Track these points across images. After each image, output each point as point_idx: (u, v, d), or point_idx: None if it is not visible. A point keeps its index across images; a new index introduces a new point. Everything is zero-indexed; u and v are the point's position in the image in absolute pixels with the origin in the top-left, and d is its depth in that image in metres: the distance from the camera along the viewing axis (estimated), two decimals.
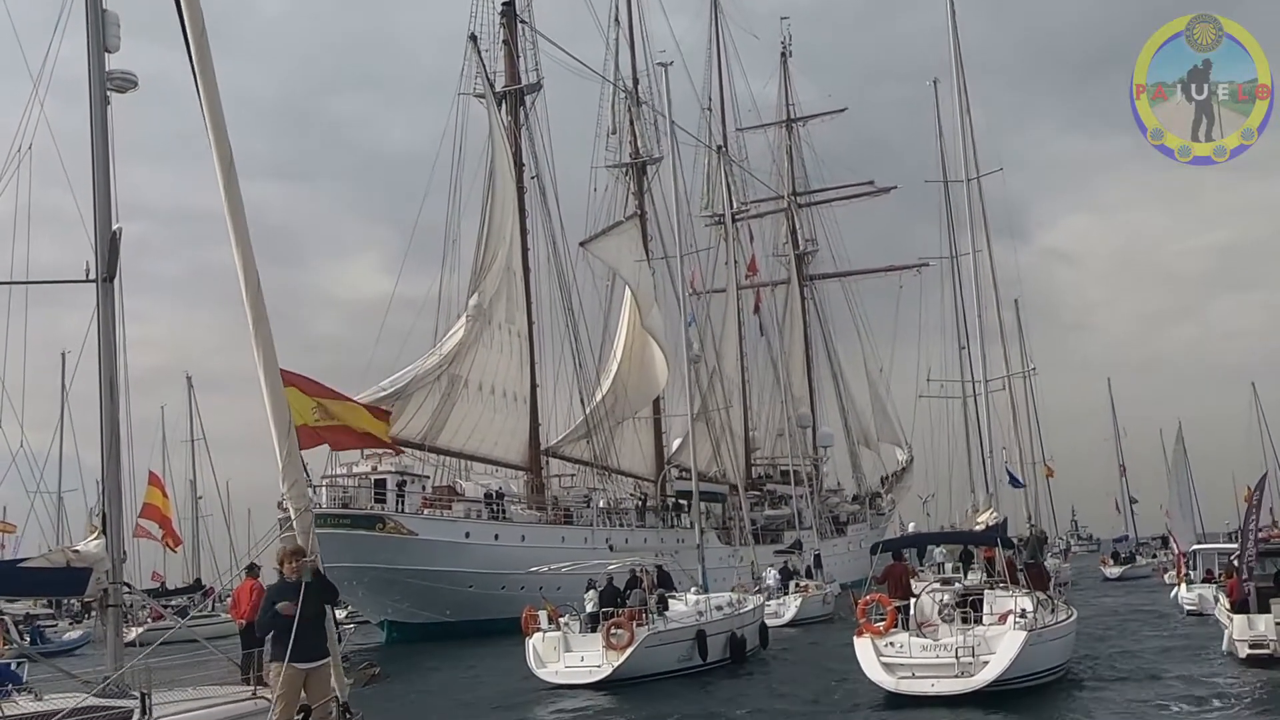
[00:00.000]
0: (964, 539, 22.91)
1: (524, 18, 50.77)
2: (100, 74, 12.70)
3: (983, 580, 19.70)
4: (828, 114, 70.98)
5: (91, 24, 12.78)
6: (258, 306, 9.53)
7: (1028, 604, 17.72)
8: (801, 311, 69.30)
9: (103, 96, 12.73)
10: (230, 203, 9.47)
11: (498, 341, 47.91)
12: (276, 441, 9.41)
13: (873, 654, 17.60)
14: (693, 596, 24.89)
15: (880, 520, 69.89)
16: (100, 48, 12.78)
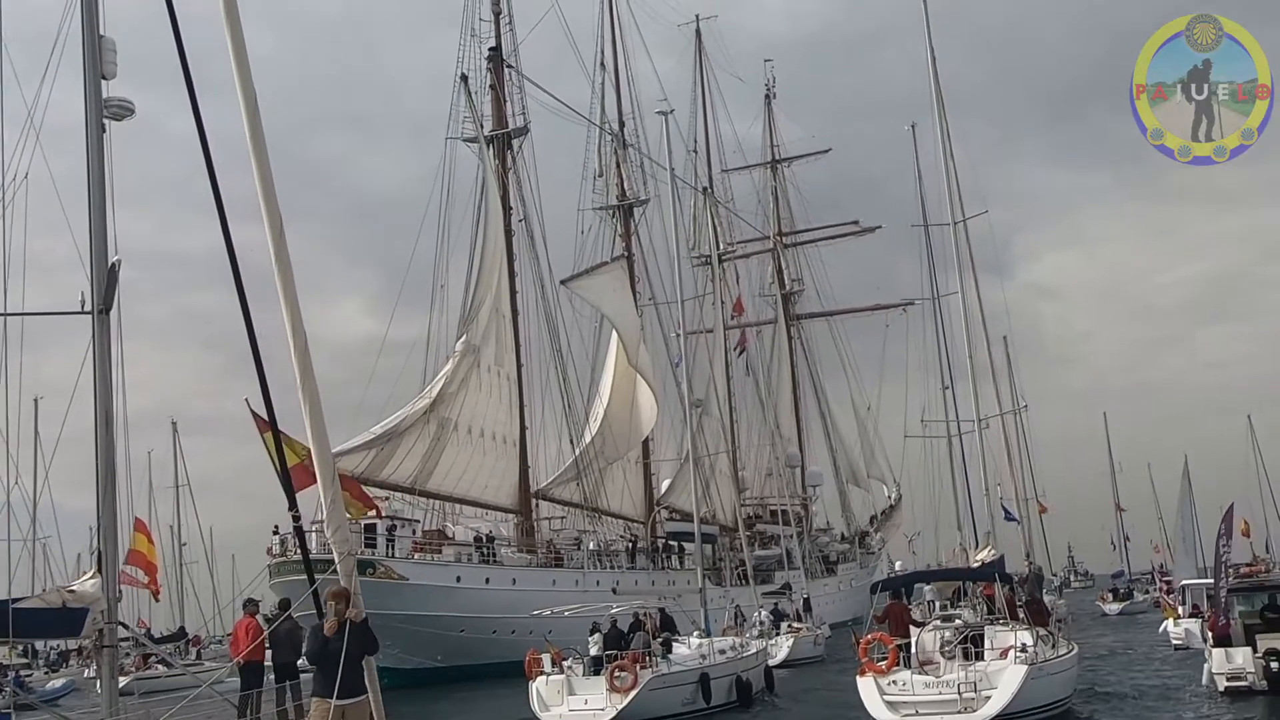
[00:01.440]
0: (964, 576, 22.93)
1: (510, 62, 51.13)
2: (97, 101, 12.56)
3: (983, 617, 19.65)
4: (812, 154, 71.71)
5: (88, 50, 12.62)
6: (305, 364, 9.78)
7: (1028, 639, 17.69)
8: (789, 351, 69.55)
9: (99, 124, 12.56)
10: (280, 267, 9.50)
11: (487, 384, 47.84)
12: (321, 490, 9.73)
13: (876, 693, 17.55)
14: (696, 640, 24.78)
15: (870, 559, 69.78)
16: (97, 74, 12.62)
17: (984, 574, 21.24)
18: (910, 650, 17.91)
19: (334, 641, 9.61)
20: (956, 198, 28.89)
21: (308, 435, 9.56)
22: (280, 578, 36.96)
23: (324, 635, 9.69)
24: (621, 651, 22.18)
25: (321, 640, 9.71)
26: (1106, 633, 42.43)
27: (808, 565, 58.14)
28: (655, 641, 22.74)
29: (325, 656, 9.62)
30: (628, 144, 56.76)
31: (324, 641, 9.68)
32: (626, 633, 23.17)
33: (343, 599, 9.75)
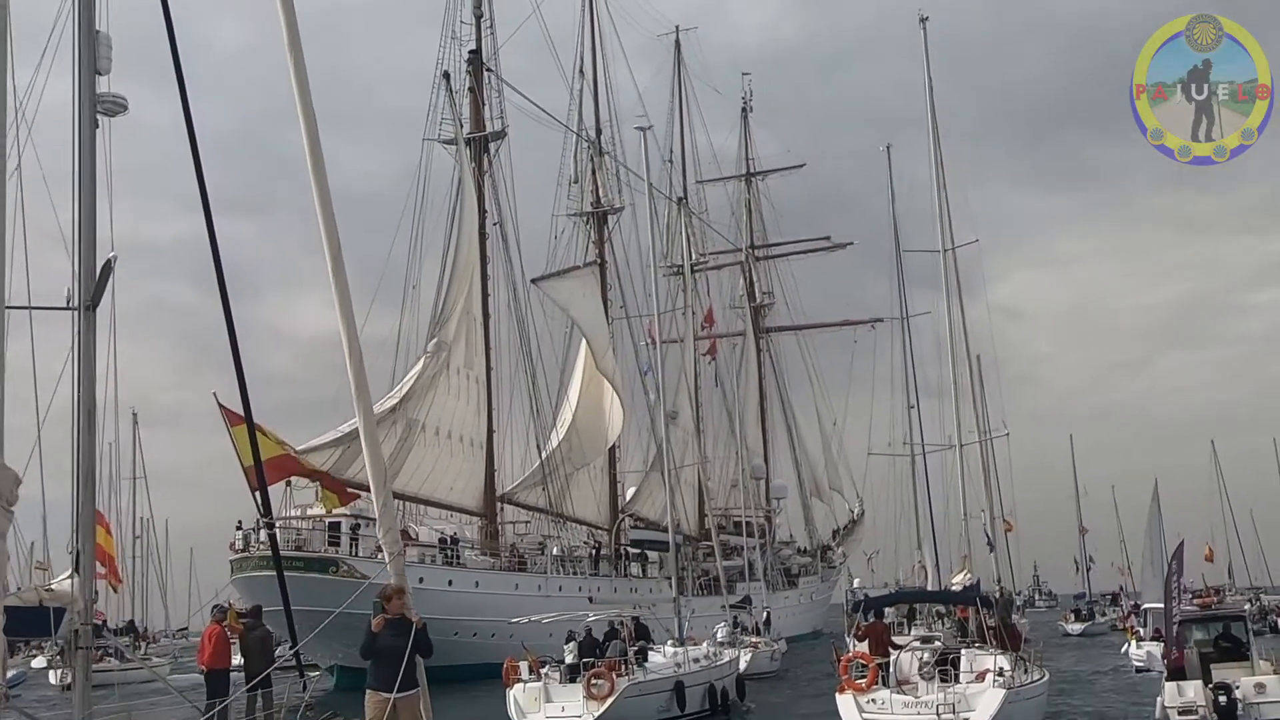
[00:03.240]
0: (945, 599, 23.14)
1: (490, 65, 51.07)
2: (90, 96, 12.42)
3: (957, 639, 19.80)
4: (786, 169, 72.05)
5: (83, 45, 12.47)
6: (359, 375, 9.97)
7: (1005, 663, 17.85)
8: (757, 363, 69.77)
9: (91, 119, 12.43)
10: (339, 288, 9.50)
11: (456, 386, 47.73)
12: (374, 493, 10.11)
13: (855, 710, 17.72)
14: (670, 648, 24.91)
15: (831, 573, 70.12)
16: (91, 69, 12.47)
17: (965, 597, 21.44)
18: (890, 669, 18.04)
19: (381, 637, 9.99)
20: (947, 226, 29.10)
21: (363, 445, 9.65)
22: (242, 574, 36.69)
23: (372, 631, 10.07)
24: (598, 659, 22.31)
25: (370, 636, 10.09)
26: (1070, 653, 42.84)
27: (769, 577, 58.28)
28: (631, 650, 22.88)
29: (373, 652, 10.05)
30: (604, 152, 56.79)
31: (372, 637, 10.07)
32: (602, 641, 23.32)
33: (398, 596, 10.15)
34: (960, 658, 18.25)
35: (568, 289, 52.96)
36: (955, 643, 19.43)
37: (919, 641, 19.19)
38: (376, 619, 10.13)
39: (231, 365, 12.68)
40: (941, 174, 30.38)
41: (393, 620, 10.07)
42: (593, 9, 58.43)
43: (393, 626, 10.01)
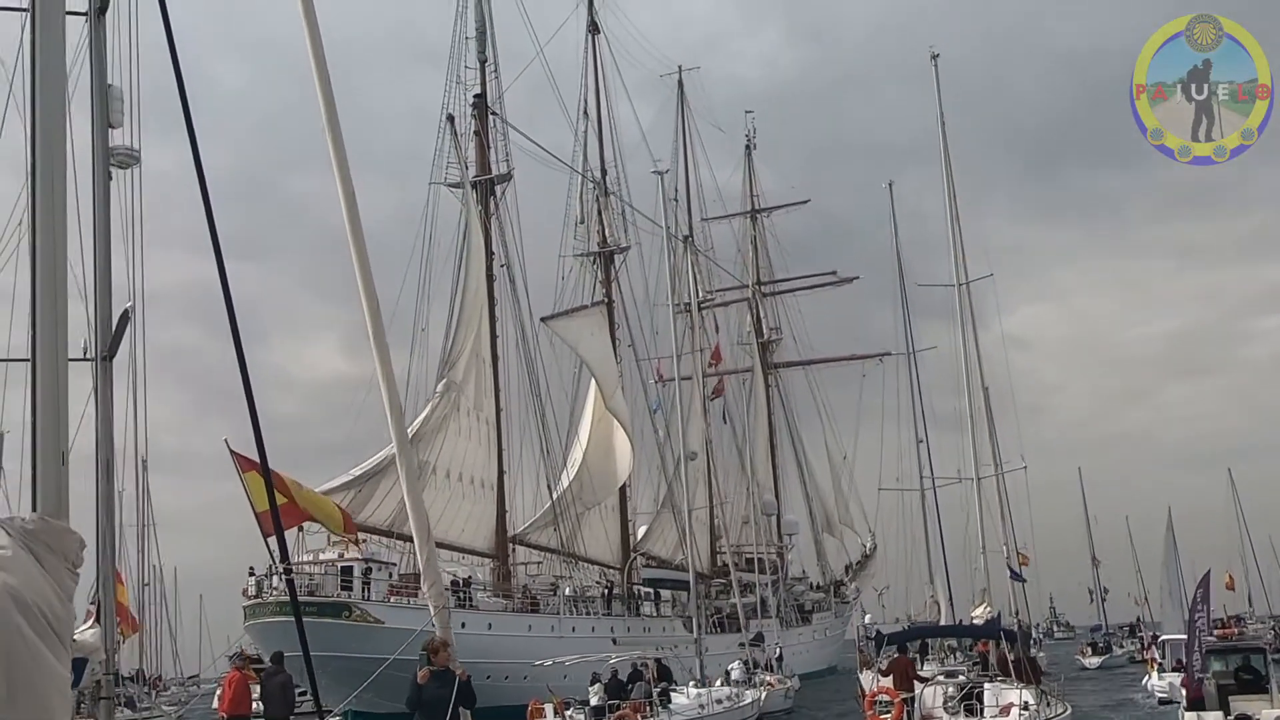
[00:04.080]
0: (968, 633, 23.02)
1: (495, 109, 51.50)
2: (103, 150, 12.63)
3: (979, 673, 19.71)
4: (791, 205, 72.38)
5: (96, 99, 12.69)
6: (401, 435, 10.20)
7: (1029, 697, 17.72)
8: (766, 399, 69.69)
9: (105, 172, 12.66)
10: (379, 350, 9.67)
11: (466, 428, 47.79)
12: (418, 546, 10.12)
13: None
14: (693, 689, 24.77)
15: (845, 609, 69.71)
16: (104, 123, 12.70)
17: (988, 631, 21.33)
18: (914, 704, 17.91)
19: (427, 689, 10.31)
20: (961, 260, 29.15)
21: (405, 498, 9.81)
22: (255, 619, 36.65)
23: (417, 683, 10.42)
24: (623, 701, 22.23)
25: (416, 688, 10.46)
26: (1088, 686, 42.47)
27: (783, 614, 58.00)
28: (655, 691, 22.75)
29: (419, 704, 10.43)
30: (609, 192, 57.11)
31: (418, 689, 10.44)
32: (626, 682, 23.18)
33: (442, 649, 10.41)
34: (984, 692, 18.13)
35: (576, 328, 53.17)
36: (978, 677, 19.32)
37: (943, 676, 19.06)
38: (422, 671, 10.38)
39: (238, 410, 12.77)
40: (955, 208, 30.50)
41: (438, 672, 10.32)
42: (595, 50, 59.03)
43: (438, 678, 10.28)
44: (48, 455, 3.74)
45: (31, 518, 3.64)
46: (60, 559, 3.63)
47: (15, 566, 3.48)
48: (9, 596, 3.46)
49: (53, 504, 3.78)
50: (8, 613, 3.45)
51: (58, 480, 3.78)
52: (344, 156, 9.17)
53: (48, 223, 3.76)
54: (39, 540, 3.57)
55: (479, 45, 51.01)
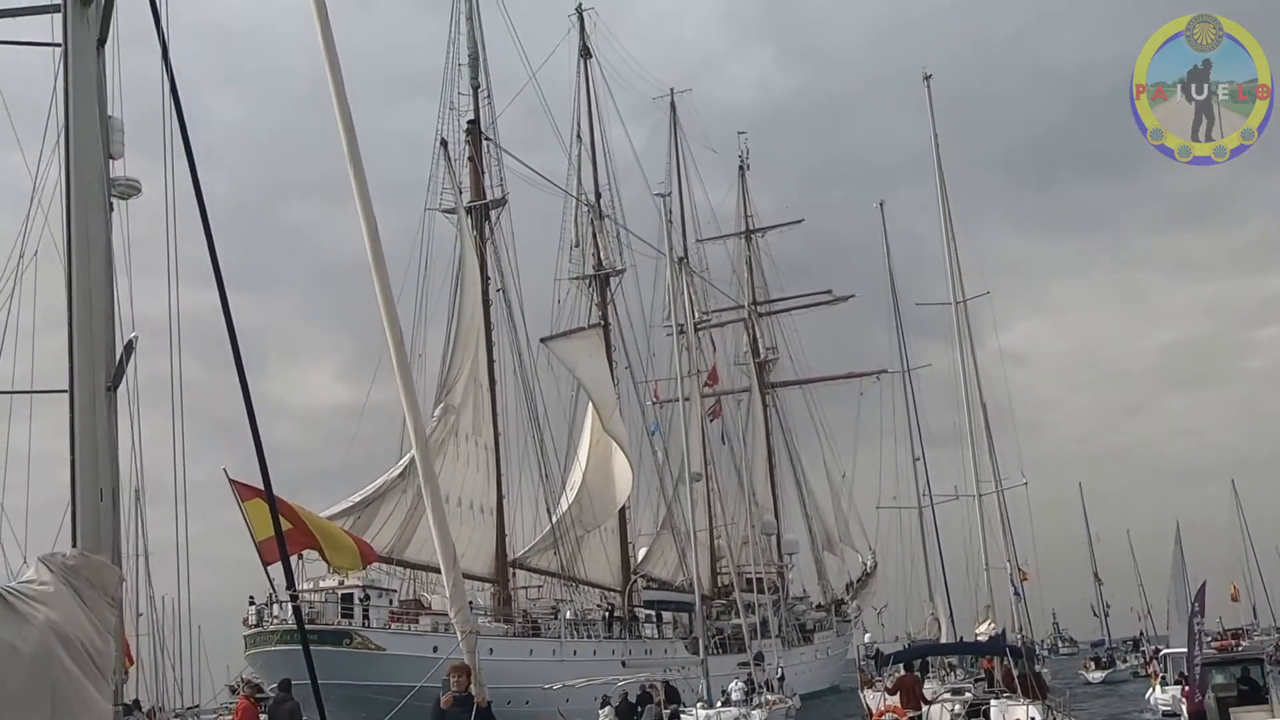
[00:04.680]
0: (974, 650, 23.04)
1: (489, 135, 51.68)
2: (105, 181, 12.69)
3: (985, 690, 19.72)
4: (785, 225, 72.60)
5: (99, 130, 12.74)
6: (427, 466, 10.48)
7: (1036, 713, 17.74)
8: (764, 419, 69.72)
9: (106, 204, 12.71)
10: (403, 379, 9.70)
11: (464, 453, 47.76)
12: (445, 573, 10.16)
13: None
14: (702, 712, 24.76)
15: (846, 628, 69.58)
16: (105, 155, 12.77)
17: (994, 648, 21.36)
18: None
19: (450, 714, 10.34)
20: (958, 279, 29.29)
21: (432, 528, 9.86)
22: (256, 649, 36.53)
23: (441, 709, 10.43)
24: None
25: (439, 713, 10.46)
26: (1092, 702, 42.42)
27: (784, 634, 57.87)
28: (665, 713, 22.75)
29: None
30: (604, 215, 57.29)
31: (441, 714, 10.44)
32: (635, 705, 23.19)
33: (463, 673, 10.38)
34: (991, 709, 18.15)
35: (574, 349, 53.27)
36: (984, 693, 19.34)
37: (949, 693, 19.07)
38: (446, 696, 10.40)
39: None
40: (950, 227, 30.65)
41: (460, 697, 10.38)
42: (587, 75, 59.32)
43: (461, 704, 10.34)
44: (86, 491, 3.79)
45: (72, 553, 3.69)
46: (100, 593, 3.68)
47: (57, 602, 3.53)
48: (51, 631, 3.51)
49: (92, 539, 3.83)
50: (51, 647, 3.50)
51: (97, 515, 3.83)
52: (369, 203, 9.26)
53: (83, 260, 3.82)
54: (80, 575, 3.62)
55: (472, 71, 51.24)
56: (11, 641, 3.43)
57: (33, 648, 3.44)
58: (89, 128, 3.91)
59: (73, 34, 3.99)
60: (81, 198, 3.89)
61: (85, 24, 3.89)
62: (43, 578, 3.63)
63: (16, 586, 3.61)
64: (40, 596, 3.56)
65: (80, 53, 3.98)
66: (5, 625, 3.44)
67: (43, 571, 3.65)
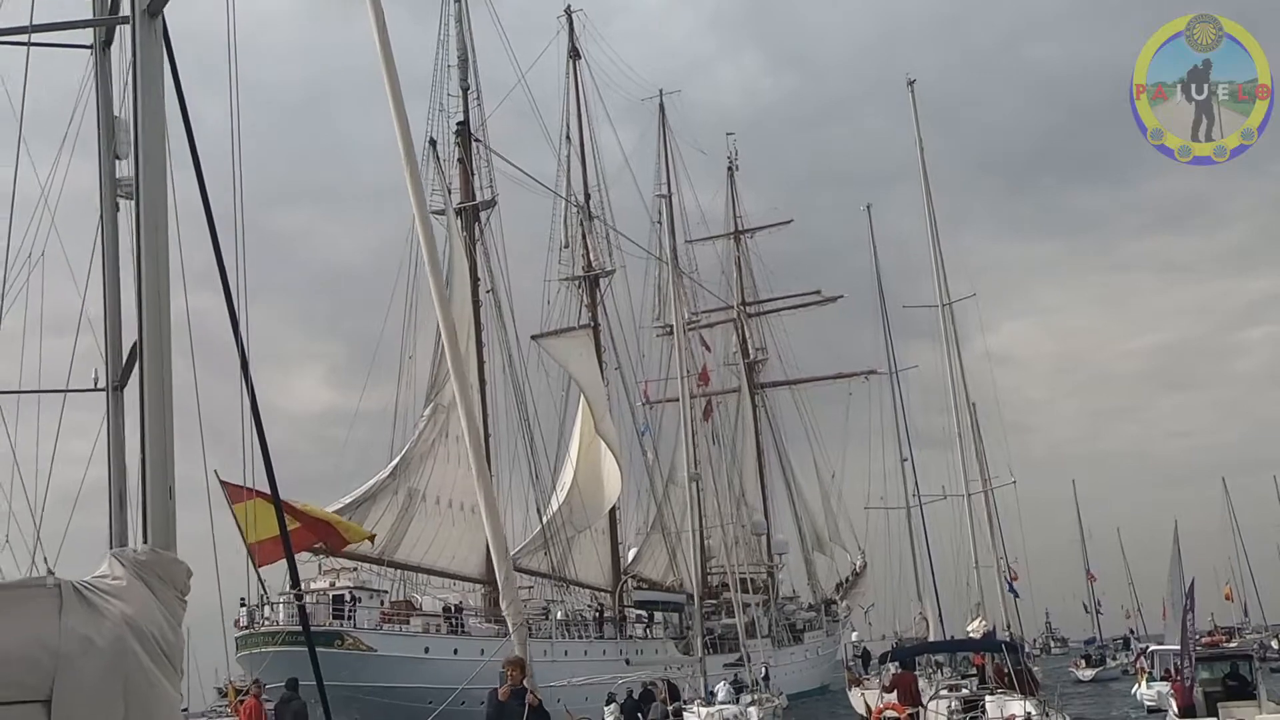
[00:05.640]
0: (973, 647, 23.28)
1: (478, 136, 51.75)
2: (111, 181, 12.70)
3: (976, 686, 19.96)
4: (774, 225, 72.79)
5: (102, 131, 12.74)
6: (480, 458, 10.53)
7: (1031, 709, 17.96)
8: (753, 419, 69.92)
9: (113, 203, 12.72)
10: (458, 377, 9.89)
11: (455, 454, 47.76)
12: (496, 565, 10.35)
13: None
14: (704, 710, 24.97)
15: (836, 627, 69.85)
16: (111, 155, 12.76)
17: (991, 645, 21.61)
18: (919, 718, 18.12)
19: (508, 707, 10.44)
20: (943, 281, 29.58)
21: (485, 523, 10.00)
22: (248, 650, 36.54)
23: (499, 700, 10.53)
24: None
25: (497, 705, 10.56)
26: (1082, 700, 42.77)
27: (775, 633, 58.06)
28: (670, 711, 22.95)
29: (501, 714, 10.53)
30: (593, 216, 57.41)
31: (499, 706, 10.54)
32: (639, 703, 23.37)
33: (518, 666, 10.51)
34: (987, 704, 18.36)
35: (565, 348, 53.40)
36: (978, 689, 19.58)
37: (947, 690, 19.30)
38: (503, 688, 10.53)
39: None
40: (935, 230, 30.94)
41: (516, 690, 10.51)
42: (576, 76, 59.41)
43: (517, 696, 10.47)
44: (156, 489, 3.90)
45: (144, 549, 3.81)
46: (170, 588, 3.80)
47: (130, 596, 3.64)
48: (125, 624, 3.62)
49: (162, 536, 3.95)
50: (124, 640, 3.61)
51: (166, 513, 3.94)
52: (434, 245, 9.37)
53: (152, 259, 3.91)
54: (151, 571, 3.74)
55: (461, 73, 51.31)
56: (88, 634, 3.55)
57: (108, 640, 3.56)
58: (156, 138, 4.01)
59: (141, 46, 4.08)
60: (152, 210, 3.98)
61: (153, 36, 3.99)
62: (115, 572, 3.74)
63: (91, 581, 3.73)
64: (114, 591, 3.68)
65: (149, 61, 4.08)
66: (82, 619, 3.55)
67: (115, 566, 3.77)
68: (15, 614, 3.50)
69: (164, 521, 4.00)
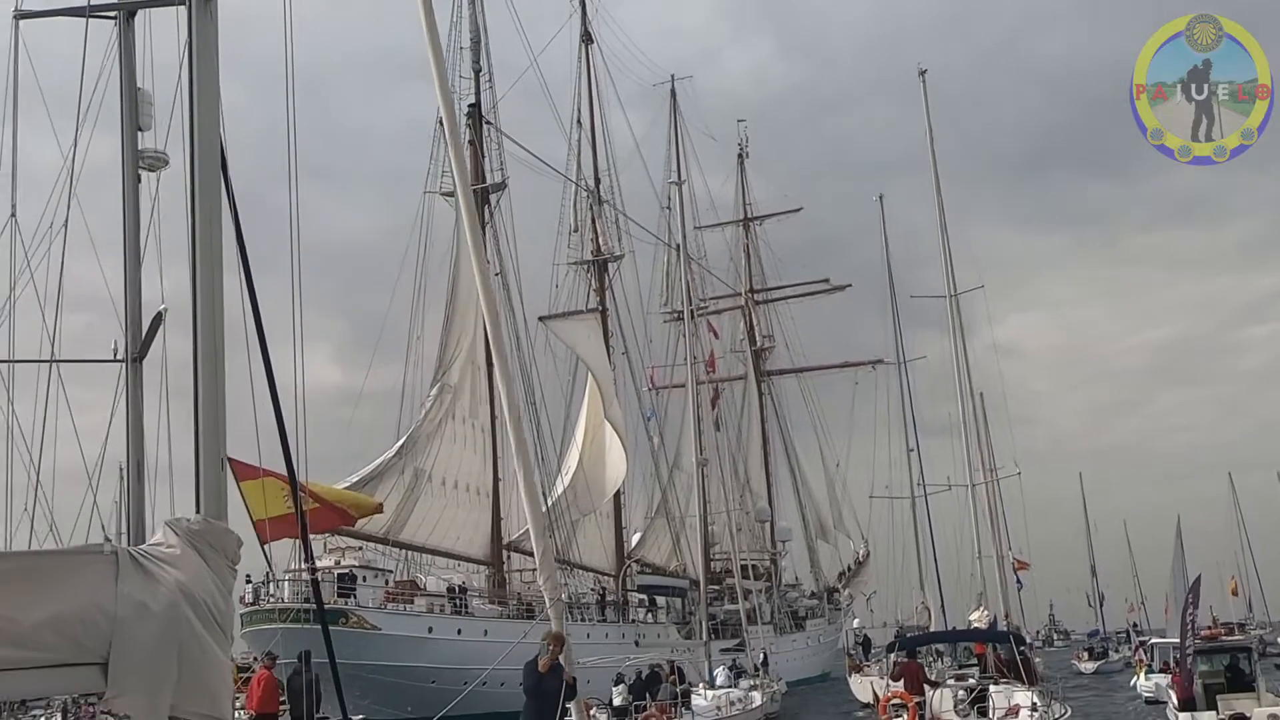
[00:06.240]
0: (978, 637, 23.41)
1: (489, 119, 51.70)
2: (133, 153, 12.68)
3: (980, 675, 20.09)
4: (784, 213, 72.72)
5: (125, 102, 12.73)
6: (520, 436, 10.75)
7: (1035, 699, 18.09)
8: (759, 406, 70.01)
9: (134, 175, 12.70)
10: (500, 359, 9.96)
11: (461, 436, 47.95)
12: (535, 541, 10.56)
13: None
14: (712, 692, 25.21)
15: (838, 616, 70.04)
16: (134, 126, 12.73)
17: (998, 636, 21.75)
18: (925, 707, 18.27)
19: (547, 679, 10.70)
20: (951, 272, 29.64)
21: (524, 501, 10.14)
22: (252, 626, 36.75)
23: (539, 671, 10.76)
24: (649, 701, 22.70)
25: (536, 676, 10.79)
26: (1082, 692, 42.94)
27: (777, 620, 58.24)
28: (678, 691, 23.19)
29: (539, 692, 10.80)
30: (603, 200, 57.38)
31: (539, 677, 10.78)
32: (648, 684, 23.63)
33: (559, 641, 10.78)
34: (992, 694, 18.49)
35: (573, 330, 53.47)
36: (982, 679, 19.73)
37: (953, 679, 19.45)
38: (544, 660, 10.74)
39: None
40: (945, 222, 30.97)
41: (554, 665, 10.78)
42: (589, 60, 59.31)
43: (555, 672, 10.74)
44: (209, 461, 4.00)
45: (196, 519, 3.91)
46: (222, 556, 3.90)
47: (184, 564, 3.75)
48: (179, 591, 3.73)
49: (214, 506, 4.05)
50: (178, 606, 3.72)
51: (219, 484, 4.04)
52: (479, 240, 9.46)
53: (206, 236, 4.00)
54: (203, 540, 3.84)
55: (473, 55, 51.26)
56: (144, 600, 3.65)
57: (162, 605, 3.67)
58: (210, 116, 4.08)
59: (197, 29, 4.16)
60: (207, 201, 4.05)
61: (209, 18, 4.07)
62: (169, 540, 3.85)
63: (147, 549, 3.83)
64: (168, 559, 3.79)
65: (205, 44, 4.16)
66: (138, 585, 3.66)
67: (169, 535, 3.88)
68: (74, 579, 3.61)
69: (216, 492, 4.10)
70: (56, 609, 3.47)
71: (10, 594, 3.45)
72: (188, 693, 3.64)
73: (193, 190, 4.16)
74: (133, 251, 12.56)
